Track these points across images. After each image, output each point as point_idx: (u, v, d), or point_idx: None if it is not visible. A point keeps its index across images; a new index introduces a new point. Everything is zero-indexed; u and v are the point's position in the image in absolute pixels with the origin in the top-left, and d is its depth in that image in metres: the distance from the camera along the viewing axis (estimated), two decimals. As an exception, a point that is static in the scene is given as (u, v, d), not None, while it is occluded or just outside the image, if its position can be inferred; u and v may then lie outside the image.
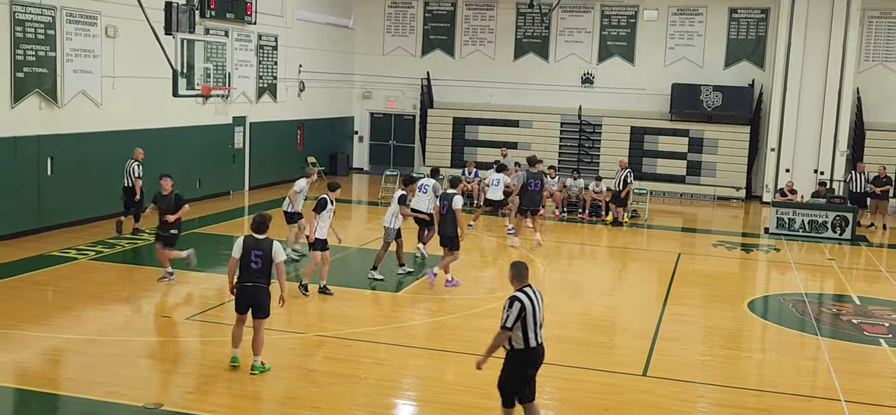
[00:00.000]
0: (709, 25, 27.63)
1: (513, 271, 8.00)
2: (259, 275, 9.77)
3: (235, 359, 9.99)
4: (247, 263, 9.77)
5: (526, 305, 7.72)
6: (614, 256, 18.88)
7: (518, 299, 7.72)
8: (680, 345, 11.88)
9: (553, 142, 28.25)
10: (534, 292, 7.86)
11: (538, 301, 7.85)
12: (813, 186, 23.85)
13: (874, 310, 14.03)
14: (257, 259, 9.73)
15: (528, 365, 7.91)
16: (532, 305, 7.75)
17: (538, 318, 7.81)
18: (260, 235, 9.81)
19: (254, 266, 9.74)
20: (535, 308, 7.78)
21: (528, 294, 7.80)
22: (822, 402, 9.87)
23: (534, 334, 7.76)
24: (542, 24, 28.80)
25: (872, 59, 26.36)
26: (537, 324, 7.81)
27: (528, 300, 7.75)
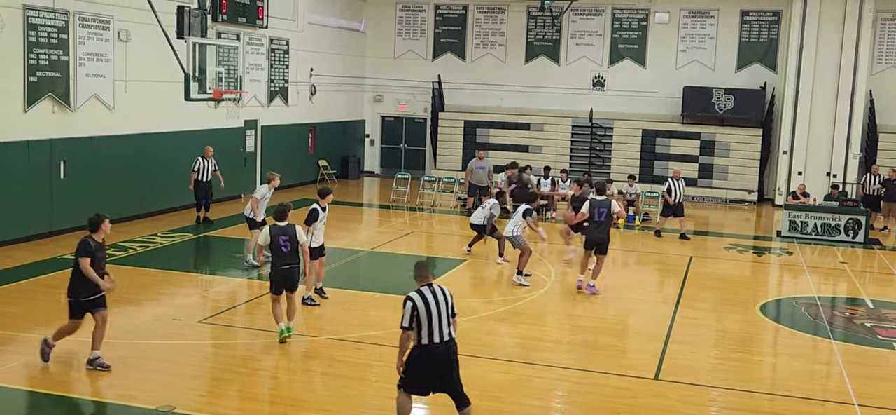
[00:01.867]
0: (720, 28, 27.55)
1: (414, 271, 8.24)
2: (290, 256, 11.12)
3: (284, 331, 11.03)
4: (277, 247, 11.07)
5: (418, 304, 7.84)
6: (626, 259, 18.82)
7: (410, 299, 7.90)
8: (692, 348, 11.83)
9: (564, 145, 28.23)
10: (432, 291, 7.94)
11: (439, 299, 7.91)
12: (825, 189, 23.75)
13: (887, 313, 13.95)
14: (285, 243, 11.09)
15: (429, 362, 7.97)
16: (425, 303, 7.85)
17: (436, 315, 7.87)
18: (282, 222, 11.14)
19: (284, 250, 11.07)
20: (431, 306, 7.85)
21: (423, 293, 7.91)
22: (835, 406, 9.81)
23: (428, 331, 7.86)
24: (552, 27, 28.77)
25: (885, 62, 26.23)
26: (434, 322, 7.86)
27: (421, 299, 7.86)
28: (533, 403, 9.60)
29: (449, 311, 8.00)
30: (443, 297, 7.99)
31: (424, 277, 8.13)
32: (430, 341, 7.90)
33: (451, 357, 8.05)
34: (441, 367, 8.03)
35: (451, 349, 8.04)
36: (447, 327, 7.96)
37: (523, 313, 13.40)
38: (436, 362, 8.00)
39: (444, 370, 8.04)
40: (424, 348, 7.93)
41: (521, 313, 13.39)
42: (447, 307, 7.99)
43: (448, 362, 8.04)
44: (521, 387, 10.02)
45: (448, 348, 8.01)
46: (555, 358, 11.16)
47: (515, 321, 12.95)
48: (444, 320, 7.94)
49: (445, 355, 8.01)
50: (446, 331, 7.95)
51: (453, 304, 8.08)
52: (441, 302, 7.95)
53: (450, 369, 8.05)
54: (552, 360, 11.05)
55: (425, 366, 8.00)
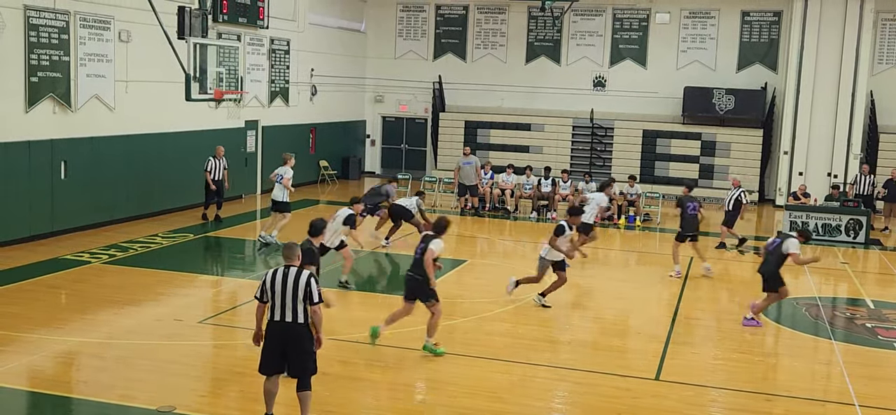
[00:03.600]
0: (721, 28, 27.55)
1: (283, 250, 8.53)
2: (414, 267, 11.08)
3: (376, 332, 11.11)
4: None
5: (266, 278, 8.22)
6: (627, 259, 18.82)
7: (267, 273, 8.29)
8: (692, 349, 11.84)
9: (565, 145, 28.23)
10: (286, 272, 8.16)
11: (287, 281, 8.12)
12: (826, 189, 23.74)
13: (888, 314, 13.95)
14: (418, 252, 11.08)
15: (268, 336, 8.32)
16: (273, 280, 8.17)
17: (279, 294, 8.13)
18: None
19: (416, 255, 11.11)
20: (276, 285, 8.14)
21: (277, 271, 8.20)
22: (836, 406, 9.81)
23: (271, 309, 8.22)
24: (553, 28, 28.77)
25: (886, 62, 26.23)
26: (276, 300, 8.16)
27: (271, 275, 8.20)
28: (534, 403, 9.60)
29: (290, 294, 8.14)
30: (289, 280, 8.15)
31: (289, 258, 8.35)
32: (272, 318, 8.23)
33: (280, 339, 8.26)
34: (276, 345, 8.28)
35: (283, 331, 8.23)
36: (288, 310, 8.16)
37: (524, 313, 13.40)
38: (271, 336, 8.31)
39: (280, 351, 8.29)
40: (270, 323, 8.28)
41: (522, 313, 13.38)
42: (290, 290, 8.13)
43: (277, 342, 8.28)
44: (522, 387, 10.02)
45: (282, 329, 8.22)
46: (556, 358, 11.16)
47: (516, 321, 12.95)
48: (284, 303, 8.15)
49: (278, 335, 8.25)
50: (283, 313, 8.17)
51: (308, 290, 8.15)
52: (281, 282, 8.15)
53: (294, 348, 8.28)
54: (553, 360, 11.05)
55: (268, 339, 8.35)
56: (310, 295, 8.13)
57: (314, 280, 8.22)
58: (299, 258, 8.42)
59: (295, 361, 8.32)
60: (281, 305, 8.18)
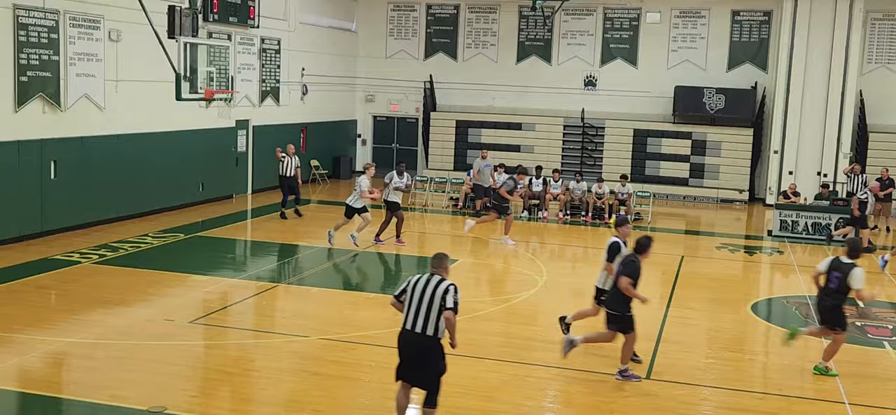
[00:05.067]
0: (711, 28, 27.62)
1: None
2: None
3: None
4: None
5: (409, 283, 8.03)
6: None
7: (412, 278, 8.09)
8: (683, 347, 11.86)
9: (556, 144, 28.26)
10: (428, 280, 7.96)
11: (425, 289, 7.90)
12: (816, 188, 23.84)
13: (878, 312, 14.00)
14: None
15: (400, 344, 8.09)
16: (414, 286, 7.96)
17: (416, 303, 7.90)
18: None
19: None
20: (415, 292, 7.92)
21: (420, 277, 8.02)
22: (827, 405, 9.84)
23: (405, 316, 7.99)
24: (544, 27, 28.80)
25: (875, 62, 26.34)
26: (411, 309, 7.92)
27: (414, 282, 7.99)
28: (526, 402, 9.61)
29: (425, 304, 7.88)
30: (428, 289, 7.91)
31: (436, 267, 8.13)
32: (404, 327, 8.01)
33: (408, 350, 8.02)
34: (405, 356, 8.06)
35: (411, 342, 7.97)
36: (421, 321, 7.89)
37: (516, 312, 13.42)
38: (400, 347, 8.08)
39: (409, 362, 8.05)
40: (401, 331, 8.06)
41: (515, 312, 13.40)
42: (426, 300, 7.88)
43: (406, 353, 8.04)
44: (514, 386, 10.03)
45: (410, 339, 7.97)
46: (548, 357, 11.17)
47: (509, 321, 12.97)
48: (419, 312, 7.90)
49: (407, 344, 8.02)
50: (416, 322, 7.91)
51: (444, 303, 7.86)
52: (419, 291, 7.92)
53: (421, 360, 8.01)
54: (545, 359, 11.06)
55: (399, 348, 8.12)
56: (445, 302, 7.82)
57: (453, 289, 7.89)
58: (447, 270, 8.16)
59: (423, 375, 8.07)
60: (415, 313, 7.91)
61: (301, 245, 17.89)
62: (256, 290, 14.05)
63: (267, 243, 18.15)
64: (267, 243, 18.15)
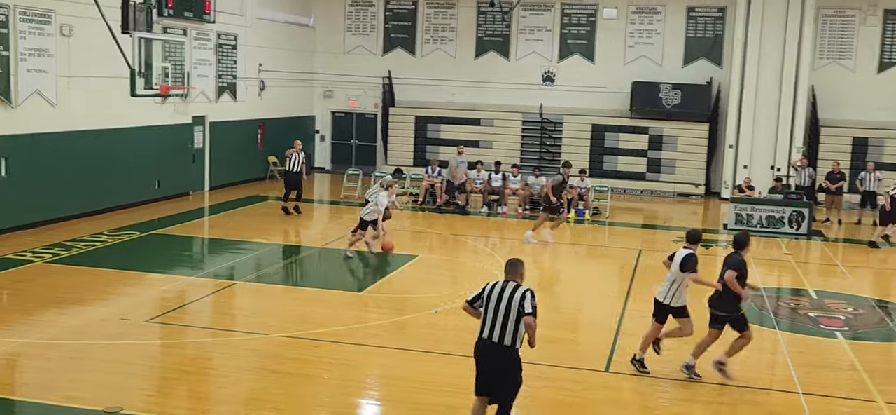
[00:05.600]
0: (667, 24, 27.91)
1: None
2: None
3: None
4: None
5: (485, 289, 7.85)
6: (577, 253, 18.98)
7: (488, 284, 7.89)
8: (642, 340, 11.96)
9: (515, 140, 28.36)
10: (503, 287, 7.73)
11: (502, 296, 7.67)
12: (770, 182, 24.22)
13: (830, 303, 14.26)
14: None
15: (478, 354, 7.88)
16: (490, 293, 7.76)
17: (493, 312, 7.68)
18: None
19: None
20: (492, 299, 7.71)
21: (496, 284, 7.80)
22: (781, 394, 10.01)
23: (481, 326, 7.81)
24: (502, 23, 28.88)
25: (827, 57, 26.82)
26: (487, 318, 7.72)
27: (490, 289, 7.80)
28: (487, 397, 9.62)
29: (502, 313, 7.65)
30: (504, 296, 7.67)
31: (510, 274, 7.90)
32: (480, 335, 7.78)
33: (485, 358, 7.77)
34: (482, 365, 7.79)
35: (488, 351, 7.73)
36: (495, 330, 7.66)
37: (476, 307, 13.43)
38: (477, 355, 7.86)
39: (485, 369, 7.78)
40: (478, 340, 7.82)
41: (474, 307, 13.42)
42: (503, 308, 7.64)
43: (483, 363, 7.79)
44: (466, 380, 10.02)
45: (486, 348, 7.72)
46: (508, 352, 11.20)
47: (469, 316, 12.96)
48: (496, 321, 7.66)
49: (483, 355, 7.77)
50: (492, 332, 7.68)
51: (521, 310, 7.62)
52: (496, 299, 7.69)
53: (497, 369, 7.74)
54: (505, 354, 11.08)
55: (478, 360, 7.86)
56: (523, 308, 7.58)
57: (530, 294, 7.65)
58: (522, 276, 7.93)
59: (500, 386, 7.79)
60: (492, 322, 7.67)
61: (260, 242, 17.72)
62: (214, 288, 13.90)
63: (225, 241, 17.96)
64: (225, 241, 17.96)
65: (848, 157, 25.60)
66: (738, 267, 10.16)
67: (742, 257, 10.31)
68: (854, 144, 26.05)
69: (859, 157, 25.46)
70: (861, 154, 25.63)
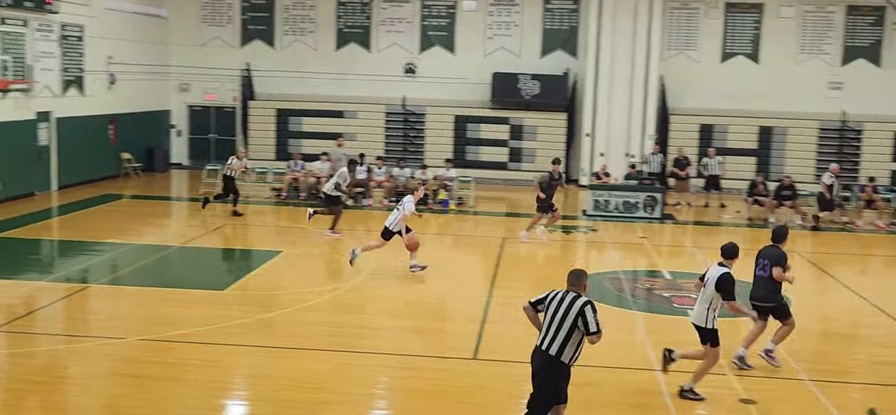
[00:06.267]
0: (525, 16, 28.48)
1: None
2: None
3: None
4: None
5: (549, 295, 7.76)
6: (442, 243, 19.13)
7: (553, 291, 7.80)
8: (508, 327, 12.17)
9: (378, 132, 28.29)
10: (563, 297, 7.66)
11: (559, 306, 7.61)
12: (625, 169, 25.16)
13: (683, 283, 14.93)
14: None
15: (532, 362, 7.81)
16: (551, 300, 7.70)
17: (548, 321, 7.65)
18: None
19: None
20: (551, 307, 7.66)
21: (558, 293, 7.73)
22: (640, 372, 10.42)
23: (540, 332, 7.74)
24: (362, 14, 28.74)
25: (674, 48, 28.06)
26: (544, 327, 7.70)
27: (552, 296, 7.73)
28: (356, 390, 9.58)
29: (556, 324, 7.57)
30: (561, 306, 7.59)
31: (572, 283, 7.78)
32: (538, 344, 7.70)
33: (535, 368, 7.74)
34: (534, 374, 7.75)
35: (539, 361, 7.69)
36: (546, 339, 7.62)
37: (344, 301, 13.34)
38: (532, 364, 7.77)
39: (535, 379, 7.75)
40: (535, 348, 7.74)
41: (342, 301, 13.32)
42: (557, 319, 7.57)
43: (535, 372, 7.74)
44: (343, 375, 9.97)
45: (538, 358, 7.69)
46: (377, 344, 11.19)
47: (337, 310, 12.87)
48: (549, 331, 7.61)
49: (535, 363, 7.74)
50: (544, 340, 7.64)
51: (577, 323, 7.51)
52: (553, 309, 7.61)
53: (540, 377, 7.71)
54: (374, 347, 11.07)
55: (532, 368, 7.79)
56: (585, 325, 7.43)
57: (590, 308, 7.48)
58: (585, 287, 7.74)
59: (538, 393, 7.71)
60: (546, 331, 7.61)
61: (115, 243, 16.96)
62: (66, 292, 13.20)
63: (77, 242, 17.10)
64: (77, 242, 17.10)
65: (696, 143, 26.91)
66: (780, 261, 10.39)
67: (782, 250, 10.55)
68: (701, 131, 27.41)
69: (706, 143, 26.80)
70: (707, 140, 26.99)
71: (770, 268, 10.44)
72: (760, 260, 10.74)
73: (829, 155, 26.98)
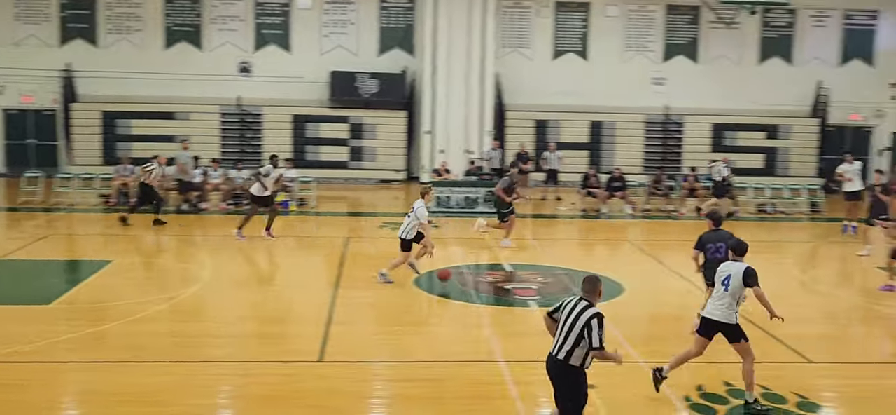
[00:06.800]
0: (361, 14, 28.39)
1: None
2: None
3: None
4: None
5: (564, 301, 7.80)
6: (284, 245, 18.73)
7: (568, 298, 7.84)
8: (353, 327, 12.08)
9: (214, 133, 27.43)
10: (575, 304, 7.65)
11: (571, 313, 7.61)
12: (465, 165, 25.53)
13: (523, 275, 15.28)
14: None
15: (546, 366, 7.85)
16: (565, 306, 7.73)
17: (560, 327, 7.67)
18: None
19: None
20: (563, 314, 7.69)
21: (571, 300, 7.74)
22: (486, 365, 10.54)
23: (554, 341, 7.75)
24: (193, 12, 27.77)
25: (508, 46, 28.74)
26: (557, 333, 7.69)
27: (566, 303, 7.76)
28: (198, 401, 9.19)
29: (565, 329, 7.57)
30: (570, 313, 7.59)
31: (586, 291, 7.74)
32: (551, 350, 7.73)
33: (551, 375, 7.73)
34: (551, 380, 7.75)
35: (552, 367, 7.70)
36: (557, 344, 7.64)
37: (181, 310, 12.80)
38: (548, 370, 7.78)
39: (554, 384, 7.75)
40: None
41: (179, 310, 12.78)
42: (566, 324, 7.57)
43: (552, 379, 7.74)
44: (184, 387, 9.54)
45: (551, 364, 7.69)
46: (218, 353, 10.81)
47: (174, 319, 12.33)
48: (561, 336, 7.60)
49: (549, 369, 7.72)
50: (555, 346, 7.66)
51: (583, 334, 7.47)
52: (565, 316, 7.62)
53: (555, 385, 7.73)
54: (216, 355, 10.69)
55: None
56: (590, 338, 7.39)
57: (597, 322, 7.38)
58: (598, 295, 7.67)
59: (564, 400, 7.66)
60: (558, 336, 7.62)
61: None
62: None
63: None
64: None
65: (532, 138, 27.67)
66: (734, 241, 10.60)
67: (727, 231, 11.05)
68: (537, 126, 28.22)
69: (541, 138, 27.63)
70: (543, 135, 27.82)
71: (726, 250, 10.61)
72: (711, 245, 11.35)
73: (655, 147, 28.48)
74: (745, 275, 9.07)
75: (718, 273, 9.29)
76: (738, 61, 29.18)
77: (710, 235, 11.57)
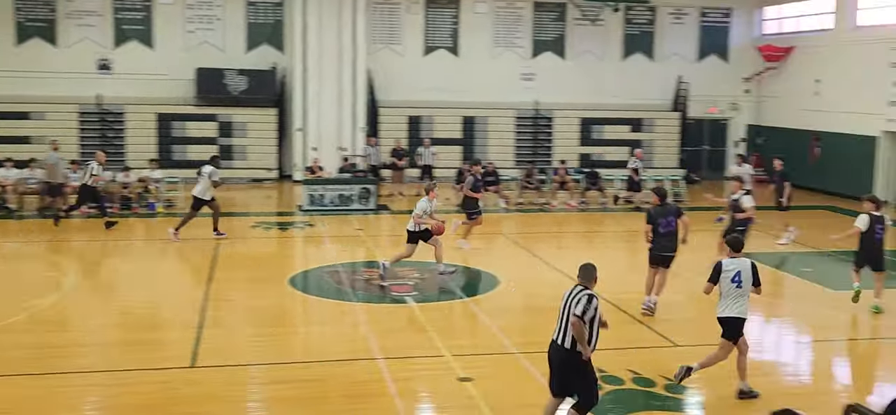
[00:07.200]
0: (227, 10, 27.73)
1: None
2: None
3: None
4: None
5: (564, 294, 7.97)
6: (151, 248, 18.11)
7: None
8: (227, 330, 11.81)
9: (72, 134, 26.16)
10: (571, 292, 7.92)
11: (567, 301, 7.88)
12: (339, 162, 25.32)
13: (399, 271, 15.28)
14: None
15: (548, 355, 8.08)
16: (561, 300, 7.96)
17: (560, 315, 7.91)
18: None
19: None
20: (561, 304, 7.93)
21: (569, 290, 7.97)
22: (364, 362, 10.49)
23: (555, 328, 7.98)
24: (46, 7, 26.44)
25: (380, 43, 28.68)
26: (558, 320, 7.93)
27: (565, 293, 7.98)
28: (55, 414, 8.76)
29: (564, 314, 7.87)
30: (567, 298, 7.88)
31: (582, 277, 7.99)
32: (553, 337, 7.97)
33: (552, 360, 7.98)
34: (552, 366, 7.98)
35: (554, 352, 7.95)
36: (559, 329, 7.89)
37: (42, 320, 12.16)
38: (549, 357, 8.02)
39: (554, 370, 7.97)
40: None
41: (40, 320, 12.14)
42: (564, 309, 7.85)
43: (553, 363, 7.97)
44: (44, 400, 9.08)
45: (554, 349, 7.94)
46: (84, 363, 10.34)
47: (35, 330, 11.69)
48: (561, 321, 7.87)
49: (552, 355, 7.97)
50: (557, 332, 7.90)
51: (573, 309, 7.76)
52: (564, 302, 7.88)
53: (561, 372, 7.93)
54: (82, 366, 10.23)
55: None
56: (576, 309, 7.71)
57: (586, 297, 7.71)
58: (595, 280, 7.94)
59: (566, 386, 7.95)
60: (558, 323, 7.88)
61: None
62: None
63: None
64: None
65: (406, 134, 27.71)
66: (682, 213, 12.06)
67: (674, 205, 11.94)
68: (410, 122, 28.29)
69: (415, 134, 27.71)
70: (416, 131, 27.90)
71: (676, 222, 11.59)
72: (662, 219, 12.15)
73: (526, 142, 29.05)
74: (754, 274, 9.38)
75: (724, 272, 9.40)
76: (602, 57, 30.10)
77: (658, 211, 12.41)
